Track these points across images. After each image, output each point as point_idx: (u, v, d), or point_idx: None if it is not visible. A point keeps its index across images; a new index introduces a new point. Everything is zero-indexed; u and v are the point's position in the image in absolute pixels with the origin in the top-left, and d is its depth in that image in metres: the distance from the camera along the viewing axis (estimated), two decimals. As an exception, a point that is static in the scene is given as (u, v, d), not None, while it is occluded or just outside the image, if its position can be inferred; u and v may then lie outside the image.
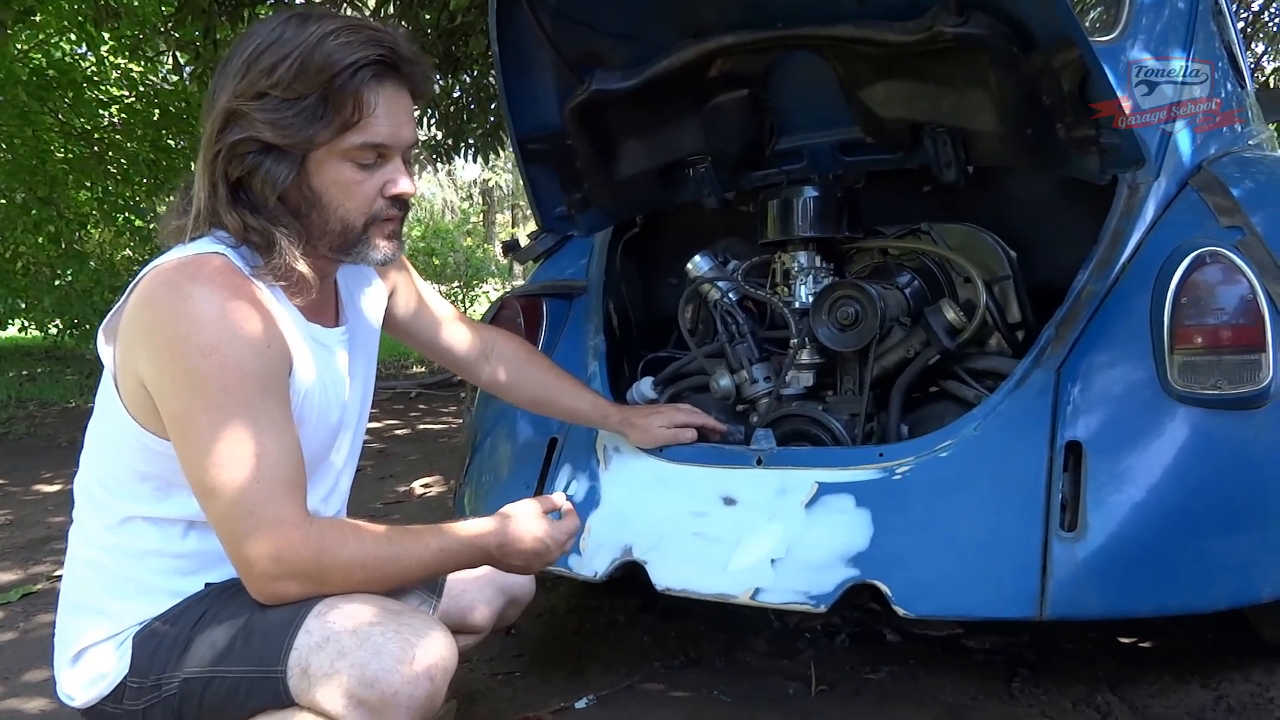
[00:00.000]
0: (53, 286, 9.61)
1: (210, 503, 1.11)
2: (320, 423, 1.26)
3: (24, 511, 3.76)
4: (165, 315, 1.10)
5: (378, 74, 1.16)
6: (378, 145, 1.18)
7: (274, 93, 1.12)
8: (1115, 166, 1.64)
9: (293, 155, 1.15)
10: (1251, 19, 7.37)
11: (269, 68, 1.12)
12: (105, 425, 1.21)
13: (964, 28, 1.54)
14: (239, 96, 1.13)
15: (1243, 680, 1.77)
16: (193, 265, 1.13)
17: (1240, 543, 1.51)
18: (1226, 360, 1.51)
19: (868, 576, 1.50)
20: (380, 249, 1.24)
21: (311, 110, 1.13)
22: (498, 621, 1.57)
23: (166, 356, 1.10)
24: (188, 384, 1.09)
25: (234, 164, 1.15)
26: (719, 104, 1.95)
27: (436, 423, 5.78)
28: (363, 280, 1.44)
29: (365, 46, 1.14)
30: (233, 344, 1.09)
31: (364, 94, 1.15)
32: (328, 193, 1.18)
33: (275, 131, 1.13)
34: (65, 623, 1.25)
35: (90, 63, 9.02)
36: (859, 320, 1.81)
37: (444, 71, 5.75)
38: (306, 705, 1.09)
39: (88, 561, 1.23)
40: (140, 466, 1.18)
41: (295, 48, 1.12)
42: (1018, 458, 1.55)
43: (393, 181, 1.21)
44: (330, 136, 1.15)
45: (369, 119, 1.16)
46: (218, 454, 1.08)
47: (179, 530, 1.20)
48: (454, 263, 15.22)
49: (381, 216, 1.22)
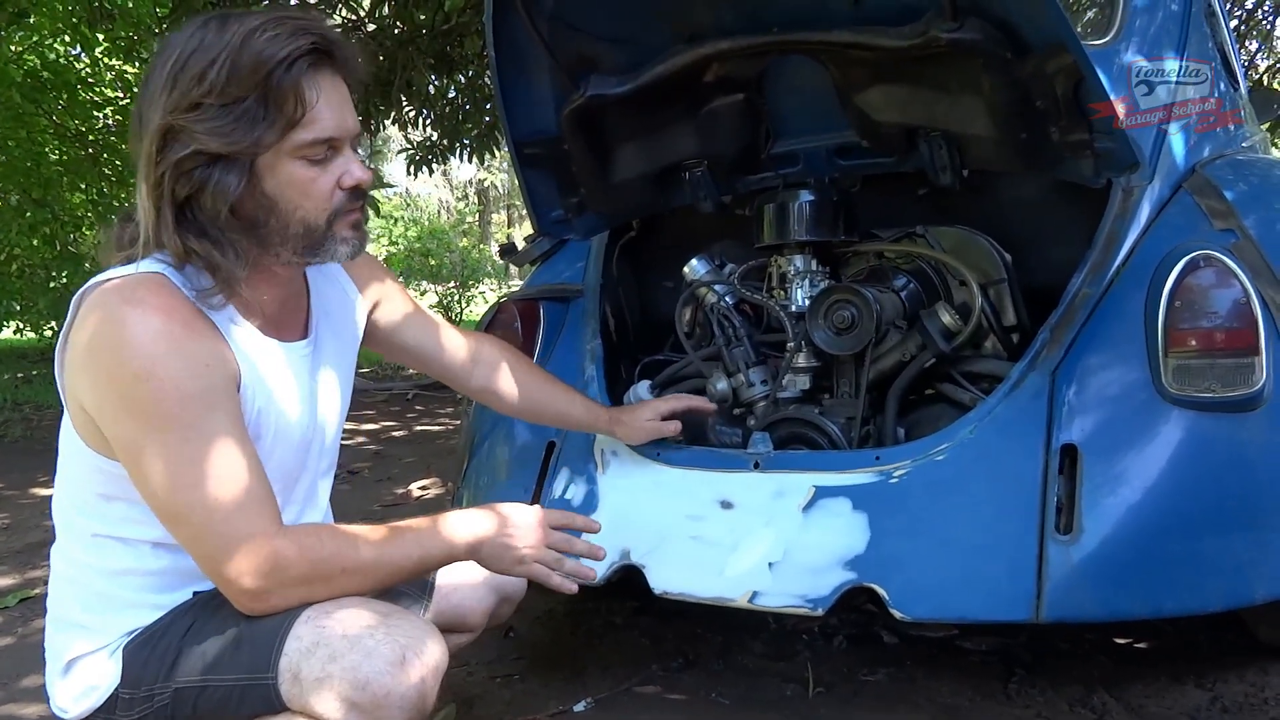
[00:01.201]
0: (47, 289, 9.59)
1: (178, 529, 1.10)
2: (280, 438, 1.22)
3: (21, 515, 3.75)
4: (99, 341, 1.07)
5: (313, 64, 1.11)
6: (327, 139, 1.14)
7: (209, 100, 1.07)
8: (1110, 170, 1.65)
9: (240, 163, 1.10)
10: (1245, 17, 7.38)
11: (198, 75, 1.07)
12: (65, 447, 1.19)
13: (958, 33, 1.54)
14: (173, 111, 1.08)
15: (1238, 680, 1.78)
16: (127, 287, 1.09)
17: (1235, 545, 1.51)
18: (1220, 363, 1.52)
19: (865, 579, 1.51)
20: (348, 243, 1.20)
21: (252, 112, 1.08)
22: (490, 620, 1.56)
23: (105, 383, 1.08)
24: (129, 411, 1.07)
25: (181, 183, 1.09)
26: (714, 108, 1.96)
27: (433, 424, 5.77)
28: (338, 292, 1.40)
29: (294, 38, 1.09)
30: (168, 367, 1.06)
31: (303, 87, 1.10)
32: (283, 195, 1.14)
33: (219, 140, 1.08)
34: (53, 638, 1.24)
35: (84, 64, 9.01)
36: (855, 324, 1.81)
37: (439, 72, 5.74)
38: (299, 710, 1.09)
39: (69, 579, 1.22)
40: (99, 488, 1.16)
41: (221, 50, 1.07)
42: (1013, 461, 1.55)
43: (348, 173, 1.17)
44: (276, 137, 1.10)
45: (313, 113, 1.11)
46: (173, 480, 1.07)
47: (148, 549, 1.18)
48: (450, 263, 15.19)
49: (343, 210, 1.18)
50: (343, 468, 4.31)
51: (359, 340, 1.44)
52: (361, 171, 1.18)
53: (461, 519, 1.26)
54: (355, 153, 1.20)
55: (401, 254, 14.97)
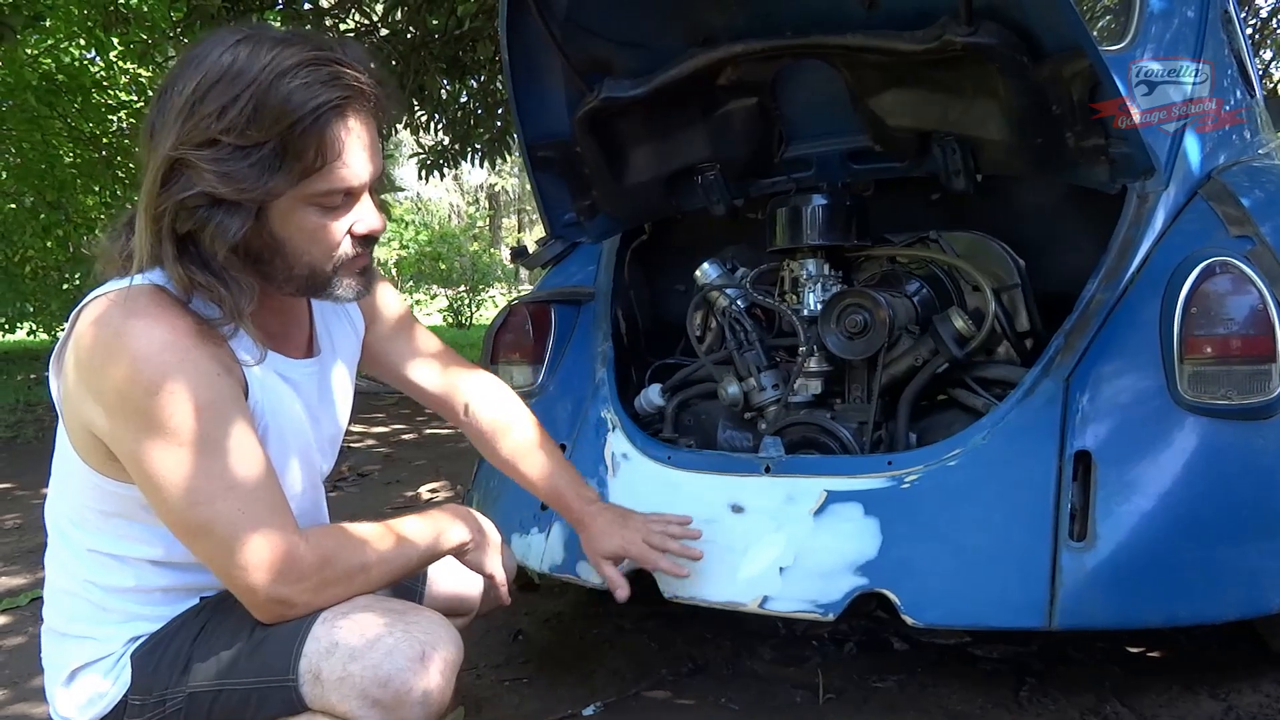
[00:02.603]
0: (60, 290, 9.67)
1: (198, 542, 1.08)
2: (283, 456, 1.21)
3: (32, 515, 3.77)
4: (104, 356, 1.03)
5: (341, 112, 1.05)
6: (345, 189, 1.09)
7: (225, 139, 1.01)
8: (1125, 176, 1.64)
9: (246, 207, 1.04)
10: (1260, 26, 7.35)
11: (218, 111, 1.01)
12: (61, 462, 1.17)
13: (974, 37, 1.54)
14: (184, 143, 1.02)
15: (1251, 691, 1.76)
16: (128, 299, 1.05)
17: (1250, 553, 1.50)
18: (1236, 370, 1.51)
19: (876, 585, 1.50)
20: (350, 288, 1.17)
21: (268, 160, 1.02)
22: (483, 605, 1.55)
23: (113, 400, 1.04)
24: (141, 427, 1.03)
25: (181, 219, 1.04)
26: (728, 112, 1.96)
27: (443, 428, 5.77)
28: (341, 311, 1.37)
29: (327, 87, 1.03)
30: (179, 378, 1.03)
31: (328, 137, 1.04)
32: (291, 240, 1.10)
33: (228, 185, 1.02)
34: (52, 648, 1.22)
35: (99, 67, 9.08)
36: (867, 328, 1.81)
37: (451, 77, 5.77)
38: (321, 710, 1.09)
39: (66, 591, 1.20)
40: (96, 505, 1.15)
41: (246, 87, 1.00)
42: (1026, 467, 1.55)
43: (360, 221, 1.13)
44: (290, 185, 1.05)
45: (334, 163, 1.06)
46: (192, 494, 1.05)
47: (148, 568, 1.17)
48: (460, 267, 15.23)
49: (350, 258, 1.14)
50: (352, 470, 4.33)
51: (358, 359, 1.43)
52: (375, 220, 1.14)
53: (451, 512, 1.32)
54: (373, 194, 1.15)
55: (412, 258, 15.01)
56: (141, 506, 1.11)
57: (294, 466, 1.24)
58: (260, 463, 1.10)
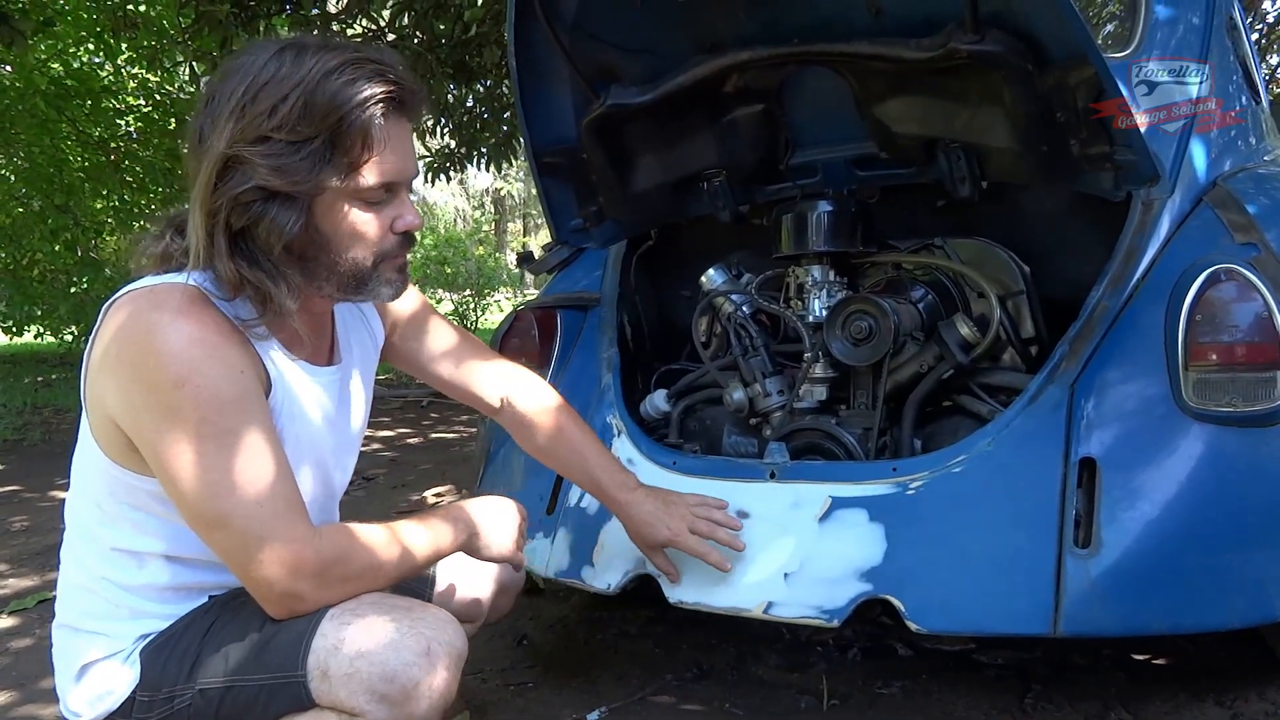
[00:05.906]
0: (68, 293, 9.70)
1: (215, 535, 1.10)
2: (300, 459, 1.22)
3: (40, 518, 3.78)
4: (132, 349, 1.06)
5: (384, 110, 1.12)
6: (389, 184, 1.15)
7: (277, 136, 1.07)
8: (1130, 183, 1.64)
9: (299, 201, 1.10)
10: (1266, 31, 7.34)
11: (269, 109, 1.07)
12: (83, 456, 1.19)
13: (980, 45, 1.55)
14: (237, 141, 1.07)
15: (1258, 698, 1.76)
16: (159, 294, 1.09)
17: (1256, 561, 1.50)
18: (1241, 378, 1.51)
19: (881, 591, 1.50)
20: (391, 284, 1.22)
21: (319, 153, 1.08)
22: (490, 613, 1.59)
23: (138, 393, 1.07)
24: (165, 419, 1.06)
25: (236, 214, 1.09)
26: (734, 118, 1.96)
27: (449, 431, 5.78)
28: (358, 316, 1.41)
29: (371, 83, 1.10)
30: (205, 373, 1.06)
31: (373, 132, 1.11)
32: (337, 235, 1.15)
33: (282, 178, 1.08)
34: (64, 643, 1.25)
35: (108, 72, 9.14)
36: (872, 334, 1.81)
37: (458, 82, 5.78)
38: (329, 705, 1.11)
39: (83, 587, 1.22)
40: (116, 499, 1.17)
41: (295, 86, 1.07)
42: (1032, 473, 1.55)
43: (401, 218, 1.18)
44: (339, 179, 1.11)
45: (379, 157, 1.12)
46: (212, 487, 1.07)
47: (161, 563, 1.19)
48: (465, 271, 15.24)
49: (391, 253, 1.20)
50: (359, 474, 4.33)
51: (376, 365, 1.45)
52: (414, 217, 1.20)
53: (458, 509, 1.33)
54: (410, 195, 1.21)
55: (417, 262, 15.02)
56: (158, 500, 1.13)
57: (306, 471, 1.25)
58: (279, 460, 1.12)
